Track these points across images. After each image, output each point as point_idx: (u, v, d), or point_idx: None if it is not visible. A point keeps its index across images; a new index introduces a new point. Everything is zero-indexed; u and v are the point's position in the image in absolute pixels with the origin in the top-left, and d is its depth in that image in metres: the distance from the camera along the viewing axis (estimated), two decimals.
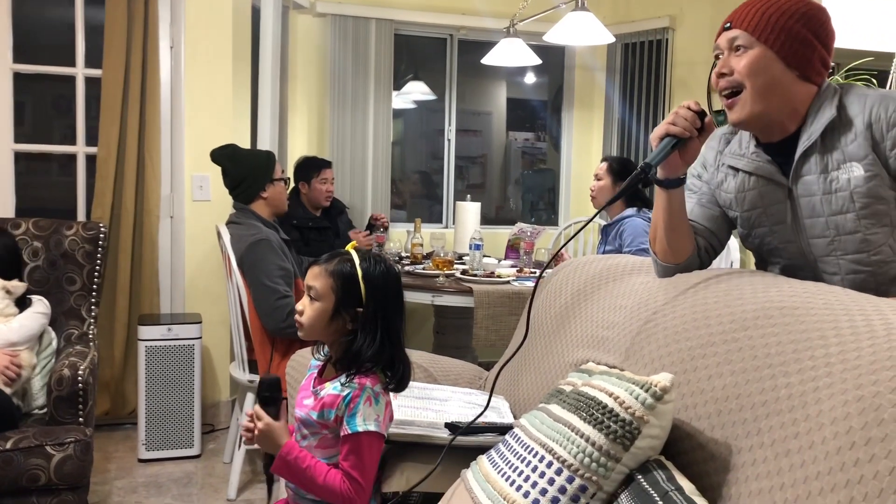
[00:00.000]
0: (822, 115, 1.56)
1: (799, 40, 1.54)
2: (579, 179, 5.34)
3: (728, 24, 1.59)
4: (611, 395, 1.28)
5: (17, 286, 2.86)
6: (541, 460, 1.31)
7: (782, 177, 1.62)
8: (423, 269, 3.73)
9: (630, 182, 1.59)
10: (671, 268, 1.74)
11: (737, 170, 1.70)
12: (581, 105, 5.36)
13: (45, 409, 2.76)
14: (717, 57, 1.63)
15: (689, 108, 1.61)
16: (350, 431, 1.55)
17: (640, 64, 4.87)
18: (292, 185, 4.13)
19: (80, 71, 3.81)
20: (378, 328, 1.59)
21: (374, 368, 1.60)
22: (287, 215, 3.86)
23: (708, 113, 1.63)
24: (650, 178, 1.62)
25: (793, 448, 1.11)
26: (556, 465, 1.28)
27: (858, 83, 4.73)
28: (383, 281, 1.61)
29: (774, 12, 1.55)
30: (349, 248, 1.66)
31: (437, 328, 4.18)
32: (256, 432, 1.59)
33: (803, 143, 1.57)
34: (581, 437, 1.26)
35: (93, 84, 3.81)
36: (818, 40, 1.56)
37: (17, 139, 3.78)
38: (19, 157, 3.80)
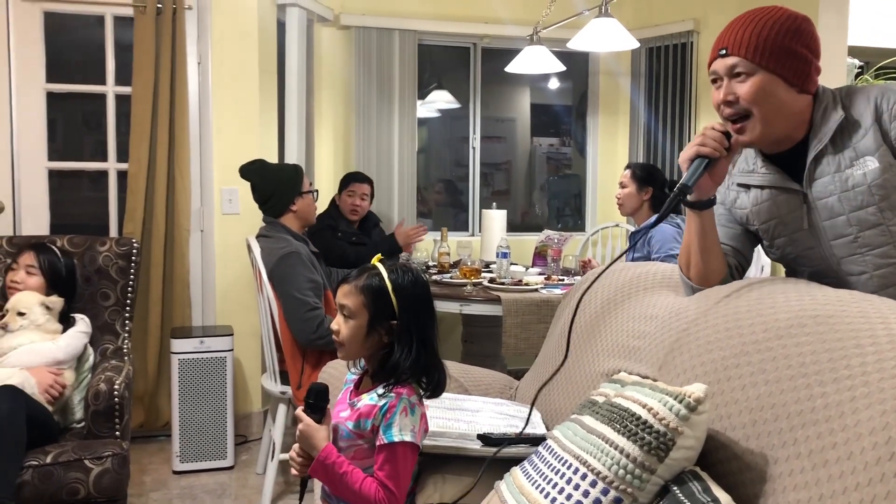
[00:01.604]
0: (831, 118, 1.59)
1: (796, 57, 1.56)
2: (606, 184, 5.32)
3: (723, 51, 1.59)
4: (644, 406, 1.28)
5: (55, 301, 2.92)
6: (575, 472, 1.31)
7: (795, 183, 1.63)
8: (451, 277, 3.74)
9: (669, 205, 1.60)
10: (704, 290, 1.74)
11: (748, 186, 1.71)
12: (606, 110, 5.34)
13: (82, 423, 2.81)
14: (714, 81, 1.64)
15: (715, 129, 1.62)
16: (386, 441, 1.56)
17: (665, 68, 4.84)
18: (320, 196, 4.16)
19: (110, 89, 3.88)
20: (413, 338, 1.60)
21: (409, 379, 1.61)
22: (330, 227, 3.91)
23: (732, 133, 1.64)
24: (685, 201, 1.63)
25: (830, 459, 1.11)
26: (590, 477, 1.28)
27: (875, 82, 4.67)
28: (413, 290, 1.63)
29: (768, 34, 1.55)
30: (374, 261, 1.68)
31: (465, 337, 4.18)
32: (298, 433, 1.61)
33: (815, 148, 1.60)
34: (615, 448, 1.26)
35: (123, 101, 3.87)
36: (811, 52, 1.58)
37: (50, 157, 3.85)
38: (52, 175, 3.87)
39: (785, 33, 1.55)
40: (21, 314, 2.83)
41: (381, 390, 1.60)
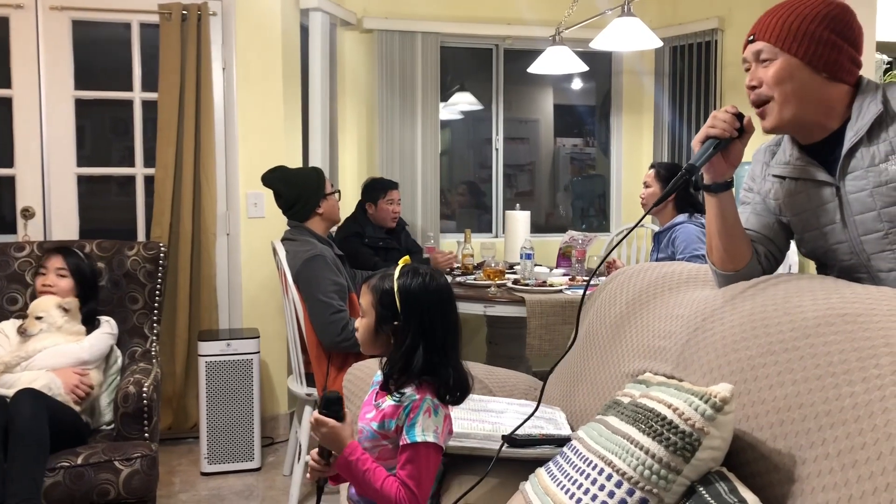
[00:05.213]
0: (869, 111, 1.57)
1: (823, 43, 1.56)
2: (630, 185, 5.29)
3: (752, 37, 1.62)
4: (670, 406, 1.27)
5: (71, 302, 2.96)
6: (600, 473, 1.31)
7: (828, 175, 1.61)
8: (475, 279, 3.74)
9: (675, 184, 1.61)
10: (731, 276, 1.73)
11: (783, 177, 1.71)
12: (630, 109, 5.32)
13: (112, 425, 2.85)
14: (746, 69, 1.66)
15: (726, 111, 1.63)
16: (409, 441, 1.57)
17: (690, 66, 4.80)
18: (355, 203, 4.19)
19: (137, 95, 3.93)
20: (417, 341, 1.60)
21: (428, 380, 1.61)
22: (356, 233, 3.93)
23: (745, 114, 1.64)
24: (696, 183, 1.64)
25: (860, 459, 1.09)
26: (616, 477, 1.27)
27: None
28: (420, 294, 1.62)
29: (794, 19, 1.57)
30: (401, 263, 1.69)
31: (489, 338, 4.18)
32: (320, 436, 1.61)
33: (850, 140, 1.58)
34: (641, 449, 1.26)
35: (149, 107, 3.92)
36: (844, 40, 1.58)
37: (79, 163, 3.91)
38: (80, 180, 3.93)
39: (812, 19, 1.56)
40: (38, 318, 2.88)
41: (404, 391, 1.60)
